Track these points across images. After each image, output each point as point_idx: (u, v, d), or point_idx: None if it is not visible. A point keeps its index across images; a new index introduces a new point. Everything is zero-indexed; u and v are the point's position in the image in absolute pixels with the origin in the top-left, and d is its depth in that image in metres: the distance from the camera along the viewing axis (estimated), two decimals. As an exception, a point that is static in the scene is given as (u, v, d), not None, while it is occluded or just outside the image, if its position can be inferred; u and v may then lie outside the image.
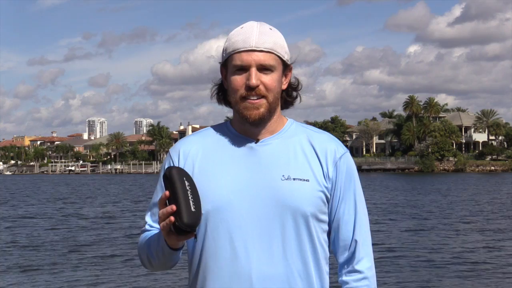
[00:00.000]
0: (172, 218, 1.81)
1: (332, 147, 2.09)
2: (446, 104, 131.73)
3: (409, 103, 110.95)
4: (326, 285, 2.08)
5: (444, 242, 17.30)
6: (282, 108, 2.13)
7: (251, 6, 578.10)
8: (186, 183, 1.85)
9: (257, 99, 1.99)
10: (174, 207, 1.81)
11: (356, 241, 2.08)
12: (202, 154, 2.07)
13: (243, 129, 2.07)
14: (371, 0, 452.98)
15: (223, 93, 2.12)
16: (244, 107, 2.00)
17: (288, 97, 2.13)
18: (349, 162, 2.11)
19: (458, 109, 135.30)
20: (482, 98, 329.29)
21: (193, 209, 1.82)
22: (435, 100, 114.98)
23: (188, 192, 1.84)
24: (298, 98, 2.17)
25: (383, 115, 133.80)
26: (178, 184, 1.83)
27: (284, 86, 2.09)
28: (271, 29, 2.05)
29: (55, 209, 31.84)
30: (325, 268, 2.08)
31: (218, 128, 2.14)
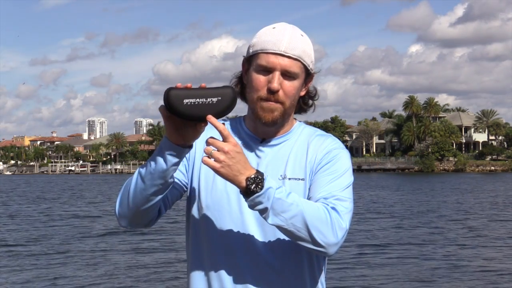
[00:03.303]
0: (177, 85, 1.82)
1: (330, 145, 2.10)
2: (448, 104, 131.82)
3: (409, 103, 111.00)
4: (320, 283, 2.11)
5: (443, 241, 17.34)
6: (295, 113, 2.15)
7: (254, 6, 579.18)
8: (215, 99, 1.82)
9: (274, 103, 2.01)
10: (189, 84, 1.82)
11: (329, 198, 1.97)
12: None
13: (254, 127, 2.11)
14: (375, 0, 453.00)
15: (241, 87, 2.12)
16: (260, 107, 2.01)
17: (303, 104, 2.15)
18: (341, 156, 2.08)
19: (458, 109, 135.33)
20: (483, 98, 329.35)
21: (190, 101, 1.80)
22: (435, 100, 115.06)
23: (206, 99, 1.81)
24: (313, 107, 2.18)
25: (383, 115, 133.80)
26: (209, 88, 1.83)
27: (302, 93, 2.10)
28: (302, 35, 2.04)
29: (39, 209, 31.84)
30: (318, 267, 2.11)
31: (232, 123, 2.17)
